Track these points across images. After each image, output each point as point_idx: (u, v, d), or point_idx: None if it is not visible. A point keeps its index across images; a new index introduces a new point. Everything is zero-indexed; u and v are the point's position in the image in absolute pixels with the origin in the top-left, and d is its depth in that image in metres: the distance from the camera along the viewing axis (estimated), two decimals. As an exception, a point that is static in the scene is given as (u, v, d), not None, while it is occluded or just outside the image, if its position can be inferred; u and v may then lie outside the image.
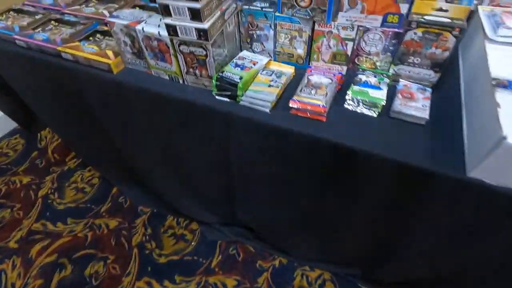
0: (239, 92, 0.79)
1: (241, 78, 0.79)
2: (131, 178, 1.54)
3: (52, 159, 1.92)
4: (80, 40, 1.03)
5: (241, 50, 0.95)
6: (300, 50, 0.88)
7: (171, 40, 0.77)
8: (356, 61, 0.84)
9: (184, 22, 0.71)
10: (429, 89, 0.78)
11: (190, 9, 0.67)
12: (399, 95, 0.76)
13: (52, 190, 1.74)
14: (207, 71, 0.81)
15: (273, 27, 0.86)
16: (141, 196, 1.64)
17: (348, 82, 0.82)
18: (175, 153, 1.08)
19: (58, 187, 1.76)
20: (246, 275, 1.35)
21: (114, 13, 0.86)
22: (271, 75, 0.84)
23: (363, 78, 0.78)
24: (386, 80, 0.78)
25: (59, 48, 0.98)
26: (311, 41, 0.84)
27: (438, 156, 0.66)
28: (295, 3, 0.77)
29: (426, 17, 0.70)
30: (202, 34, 0.71)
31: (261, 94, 0.77)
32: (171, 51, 0.80)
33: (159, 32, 0.77)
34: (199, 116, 0.87)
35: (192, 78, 0.86)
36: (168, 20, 0.72)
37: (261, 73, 0.84)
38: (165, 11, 0.71)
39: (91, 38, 1.05)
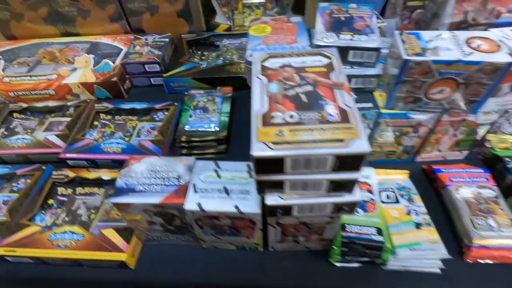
0: (385, 256, 0.48)
1: (379, 231, 0.48)
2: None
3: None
4: (32, 218, 0.57)
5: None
6: (410, 146, 0.61)
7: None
8: (485, 144, 0.62)
9: (313, 199, 0.37)
10: None
11: (334, 181, 0.34)
12: None
13: None
14: (320, 235, 0.48)
15: (372, 126, 0.57)
16: None
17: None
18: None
19: None
20: None
21: (121, 180, 0.45)
22: (396, 200, 0.55)
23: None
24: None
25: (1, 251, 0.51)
26: (429, 133, 0.59)
27: None
28: (423, 97, 0.50)
29: None
30: (347, 206, 0.38)
31: (421, 250, 0.48)
32: (259, 226, 0.45)
33: (238, 209, 0.41)
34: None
35: (286, 245, 0.51)
36: (276, 200, 0.37)
37: (382, 201, 0.55)
38: (274, 186, 0.35)
39: (51, 202, 0.60)
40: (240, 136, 0.71)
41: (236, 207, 0.41)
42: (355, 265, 0.51)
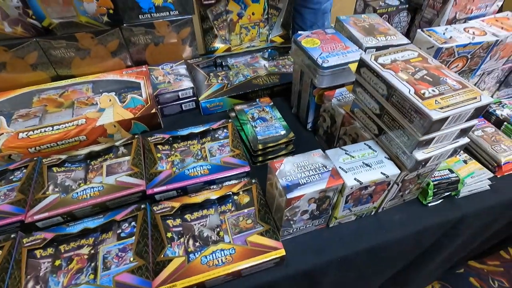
0: (460, 187, 0.66)
1: (451, 170, 0.67)
2: None
3: None
4: (165, 254, 0.56)
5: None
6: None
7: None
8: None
9: (443, 148, 0.51)
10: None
11: (463, 129, 0.49)
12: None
13: None
14: (419, 185, 0.64)
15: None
16: None
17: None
18: None
19: None
20: None
21: (282, 180, 0.52)
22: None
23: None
24: (510, 106, 0.86)
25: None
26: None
27: None
28: (446, 72, 0.71)
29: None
30: (459, 148, 0.54)
31: (476, 176, 0.68)
32: (389, 188, 0.57)
33: (385, 174, 0.53)
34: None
35: (393, 202, 0.65)
36: (422, 155, 0.50)
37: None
38: (425, 144, 0.49)
39: (169, 235, 0.59)
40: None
41: (382, 173, 0.53)
42: (439, 201, 0.68)
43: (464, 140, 0.53)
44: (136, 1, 0.89)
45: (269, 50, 1.13)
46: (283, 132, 0.77)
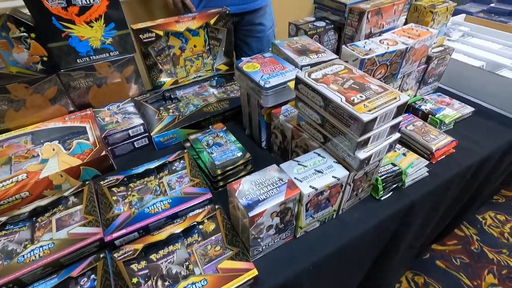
0: (404, 178, 0.73)
1: (393, 164, 0.74)
2: None
3: None
4: None
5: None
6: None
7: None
8: (398, 100, 0.99)
9: (381, 145, 0.57)
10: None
11: (392, 126, 0.56)
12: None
13: None
14: (369, 182, 0.69)
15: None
16: None
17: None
18: None
19: None
20: None
21: (242, 200, 0.53)
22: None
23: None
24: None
25: None
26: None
27: None
28: (372, 79, 0.81)
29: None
30: (394, 143, 0.60)
31: (415, 165, 0.76)
32: (343, 189, 0.61)
33: (336, 177, 0.57)
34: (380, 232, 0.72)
35: (350, 202, 0.69)
36: (364, 154, 0.55)
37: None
38: (363, 145, 0.54)
39: (135, 280, 0.56)
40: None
41: (334, 177, 0.57)
42: (390, 194, 0.74)
43: (396, 136, 0.60)
44: (71, 46, 0.88)
45: (216, 78, 1.16)
46: (239, 154, 0.79)
